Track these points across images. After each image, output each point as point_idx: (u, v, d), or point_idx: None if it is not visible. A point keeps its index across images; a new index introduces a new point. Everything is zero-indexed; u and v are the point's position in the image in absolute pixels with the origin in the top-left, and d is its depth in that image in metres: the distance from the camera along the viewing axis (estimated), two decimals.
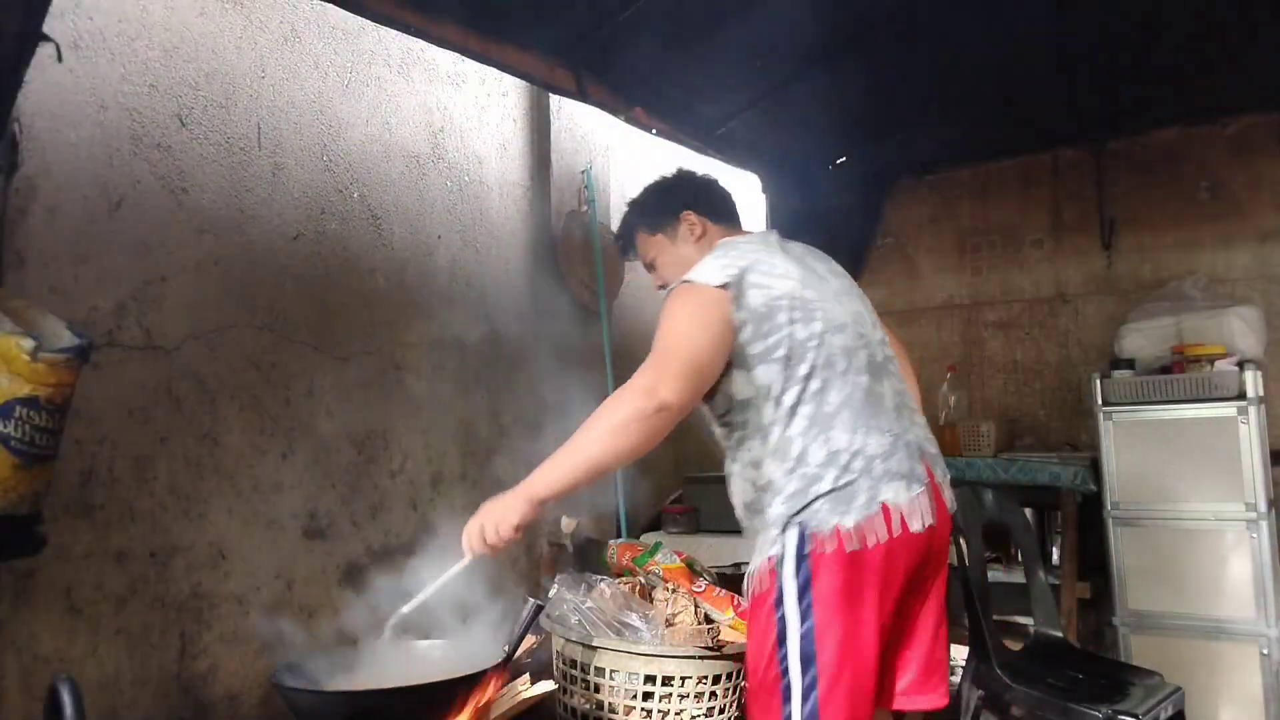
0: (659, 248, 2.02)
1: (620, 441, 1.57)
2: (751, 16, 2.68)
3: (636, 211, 2.08)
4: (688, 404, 1.62)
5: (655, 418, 1.57)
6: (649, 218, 2.04)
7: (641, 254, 2.06)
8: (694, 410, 1.73)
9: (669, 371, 1.60)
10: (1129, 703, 2.25)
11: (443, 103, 3.05)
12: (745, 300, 1.68)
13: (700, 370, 1.64)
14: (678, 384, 1.59)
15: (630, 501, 3.59)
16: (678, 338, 1.65)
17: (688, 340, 1.64)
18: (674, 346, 1.64)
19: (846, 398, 1.67)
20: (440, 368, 2.97)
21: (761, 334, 1.67)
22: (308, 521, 2.52)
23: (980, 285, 4.30)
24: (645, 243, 2.04)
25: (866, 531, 1.60)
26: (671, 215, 1.99)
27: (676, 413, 1.59)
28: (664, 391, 1.57)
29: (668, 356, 1.62)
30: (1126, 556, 3.25)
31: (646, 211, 2.05)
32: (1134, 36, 3.00)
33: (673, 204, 2.00)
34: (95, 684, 2.03)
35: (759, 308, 1.68)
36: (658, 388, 1.57)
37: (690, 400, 1.63)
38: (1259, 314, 3.40)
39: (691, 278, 1.71)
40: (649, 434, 1.58)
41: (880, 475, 1.64)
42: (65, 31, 2.01)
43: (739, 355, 1.68)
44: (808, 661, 1.59)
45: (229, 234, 2.37)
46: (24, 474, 1.55)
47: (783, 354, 1.66)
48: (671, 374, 1.59)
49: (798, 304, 1.71)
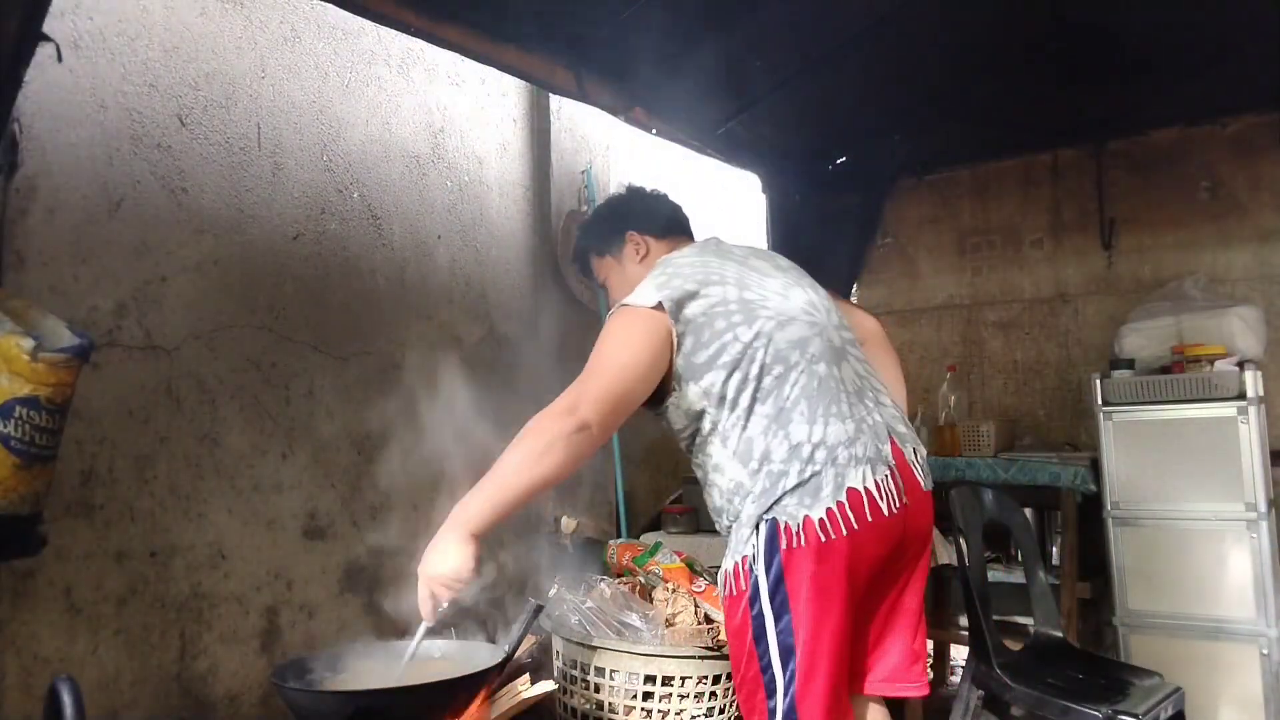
0: (608, 269, 2.05)
1: (545, 465, 1.57)
2: (751, 17, 2.68)
3: (585, 234, 2.12)
4: (609, 425, 1.63)
5: (576, 437, 1.57)
6: (597, 240, 2.06)
7: (596, 276, 2.10)
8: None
9: (590, 393, 1.61)
10: (1129, 703, 2.25)
11: (443, 103, 3.05)
12: (683, 314, 1.70)
13: (623, 393, 1.65)
14: (598, 405, 1.59)
15: (630, 502, 3.59)
16: (604, 360, 1.66)
17: (612, 363, 1.66)
18: (599, 369, 1.65)
19: (802, 389, 1.68)
20: (440, 368, 2.97)
21: (703, 343, 1.69)
22: (308, 521, 2.53)
23: (980, 285, 4.30)
24: (597, 265, 2.08)
25: (836, 520, 1.61)
26: (617, 237, 2.01)
27: (598, 433, 1.60)
28: (584, 411, 1.58)
29: (591, 378, 1.64)
30: (1126, 556, 3.25)
31: (594, 234, 2.08)
32: (1134, 36, 3.00)
33: (617, 226, 2.02)
34: (95, 684, 2.03)
35: (697, 317, 1.70)
36: (578, 407, 1.58)
37: (610, 421, 1.63)
38: (1259, 314, 3.40)
39: (628, 300, 1.73)
40: (572, 454, 1.57)
41: (845, 463, 1.65)
42: (65, 31, 2.01)
43: (685, 367, 1.70)
44: (787, 654, 1.61)
45: (229, 234, 2.37)
46: (24, 474, 1.55)
47: (727, 359, 1.68)
48: (592, 395, 1.60)
49: (736, 306, 1.72)
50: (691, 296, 1.71)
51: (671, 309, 1.69)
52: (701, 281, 1.74)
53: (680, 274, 1.76)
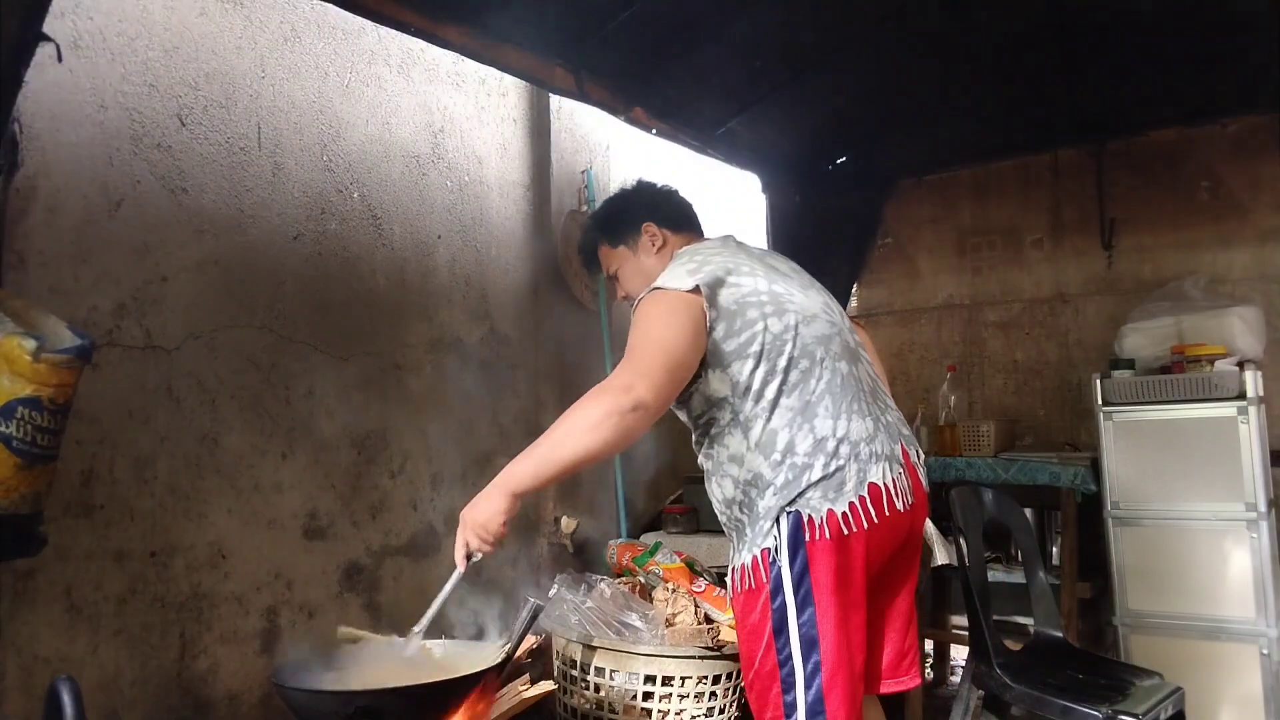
0: (620, 260, 2.05)
1: (596, 438, 1.58)
2: (751, 16, 2.68)
3: (597, 225, 2.12)
4: (664, 403, 1.64)
5: (631, 415, 1.57)
6: (610, 231, 2.07)
7: (604, 267, 2.10)
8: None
9: (645, 370, 1.61)
10: (1129, 703, 2.25)
11: (443, 103, 3.05)
12: (717, 300, 1.71)
13: (676, 369, 1.65)
14: (654, 382, 1.60)
15: (630, 502, 3.59)
16: (653, 338, 1.67)
17: (662, 340, 1.66)
18: (649, 346, 1.65)
19: (827, 385, 1.70)
20: (440, 368, 2.97)
21: (734, 331, 1.70)
22: (308, 522, 2.53)
23: (980, 285, 4.30)
24: (607, 255, 2.08)
25: (859, 514, 1.64)
26: (632, 227, 2.02)
27: (653, 411, 1.61)
28: (640, 390, 1.58)
29: (644, 356, 1.64)
30: (1126, 556, 3.25)
31: (607, 225, 2.09)
32: (1134, 36, 3.00)
33: (633, 216, 2.03)
34: (95, 684, 2.03)
35: (730, 306, 1.71)
36: (634, 385, 1.59)
37: (666, 398, 1.65)
38: (1259, 314, 3.40)
39: (661, 284, 1.74)
40: (625, 431, 1.58)
41: (867, 458, 1.68)
42: (65, 31, 2.01)
43: (713, 354, 1.71)
44: (810, 647, 1.61)
45: (229, 234, 2.37)
46: (25, 474, 1.55)
47: (756, 349, 1.69)
48: (647, 372, 1.61)
49: (767, 298, 1.74)
50: (724, 284, 1.72)
51: (707, 294, 1.70)
52: (732, 270, 1.75)
53: (711, 261, 1.77)
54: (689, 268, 1.75)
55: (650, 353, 1.64)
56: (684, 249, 1.91)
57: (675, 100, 3.20)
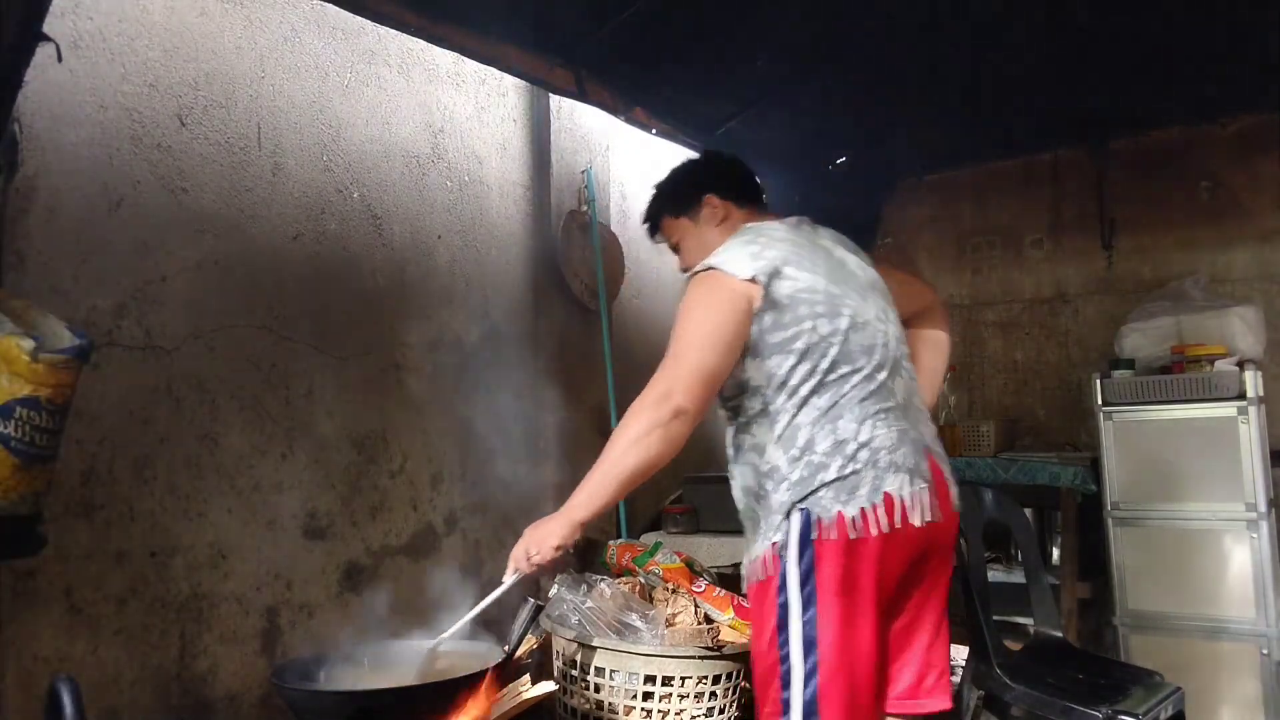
0: (682, 231, 2.03)
1: (645, 453, 1.60)
2: (751, 16, 2.68)
3: (661, 195, 2.10)
4: (703, 406, 1.65)
5: (674, 424, 1.60)
6: (672, 201, 2.06)
7: (666, 236, 2.08)
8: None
9: (683, 376, 1.62)
10: (1129, 703, 2.25)
11: (443, 103, 3.04)
12: (771, 288, 1.69)
13: (715, 372, 1.66)
14: (692, 388, 1.61)
15: (630, 502, 3.59)
16: (694, 338, 1.67)
17: (704, 341, 1.66)
18: (687, 346, 1.66)
19: (859, 390, 1.70)
20: (440, 368, 2.97)
21: (782, 324, 1.69)
22: (308, 521, 2.52)
23: (980, 285, 4.30)
24: (670, 226, 2.06)
25: (869, 520, 1.62)
26: (694, 198, 2.00)
27: (695, 416, 1.62)
28: (678, 397, 1.60)
29: (682, 360, 1.64)
30: (1126, 557, 3.25)
31: (670, 195, 2.07)
32: (1134, 36, 3.00)
33: (695, 187, 2.02)
34: (95, 684, 2.03)
35: (783, 299, 1.70)
36: (672, 393, 1.60)
37: (705, 403, 1.66)
38: (1259, 314, 3.40)
39: (718, 265, 1.72)
40: (671, 440, 1.61)
41: (885, 467, 1.66)
42: (65, 31, 2.01)
43: (757, 342, 1.70)
44: (809, 647, 1.61)
45: (229, 234, 2.37)
46: (24, 474, 1.55)
47: (800, 346, 1.68)
48: (685, 379, 1.62)
49: (822, 298, 1.72)
50: (780, 274, 1.71)
51: (765, 281, 1.69)
52: (791, 261, 1.73)
53: (774, 246, 1.75)
54: (751, 250, 1.73)
55: (689, 357, 1.64)
56: (749, 225, 1.87)
57: (675, 100, 3.20)
